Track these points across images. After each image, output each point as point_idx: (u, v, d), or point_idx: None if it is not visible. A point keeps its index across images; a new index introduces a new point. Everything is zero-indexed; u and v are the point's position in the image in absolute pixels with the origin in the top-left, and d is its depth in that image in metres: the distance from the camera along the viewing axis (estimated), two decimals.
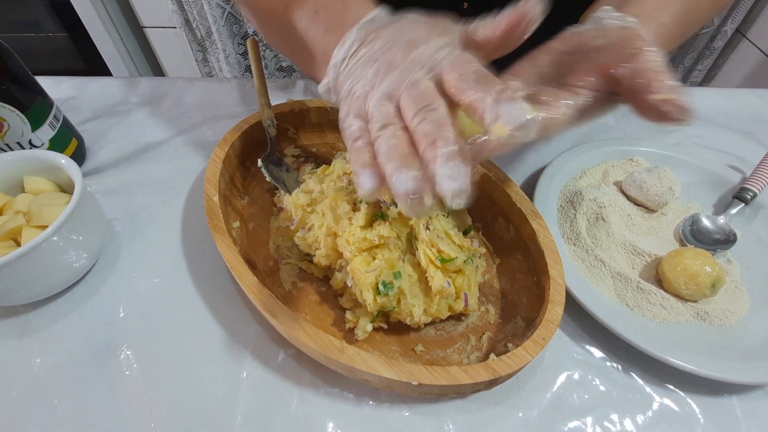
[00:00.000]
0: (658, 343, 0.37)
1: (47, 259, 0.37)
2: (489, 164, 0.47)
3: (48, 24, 1.45)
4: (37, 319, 0.40)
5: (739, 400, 0.37)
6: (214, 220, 0.40)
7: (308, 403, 0.36)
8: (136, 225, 0.48)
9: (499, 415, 0.35)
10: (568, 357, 0.39)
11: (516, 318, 0.40)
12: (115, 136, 0.58)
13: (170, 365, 0.38)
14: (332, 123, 0.55)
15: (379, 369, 0.31)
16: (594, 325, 0.39)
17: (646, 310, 0.40)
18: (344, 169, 0.43)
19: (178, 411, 0.35)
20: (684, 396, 0.37)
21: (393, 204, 0.40)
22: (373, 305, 0.35)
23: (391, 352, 0.38)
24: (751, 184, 0.49)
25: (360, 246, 0.37)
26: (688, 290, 0.40)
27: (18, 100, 0.44)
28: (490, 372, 0.32)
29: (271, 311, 0.34)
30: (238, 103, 0.63)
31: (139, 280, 0.43)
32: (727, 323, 0.40)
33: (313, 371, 0.37)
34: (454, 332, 0.39)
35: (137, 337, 0.39)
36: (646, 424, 0.35)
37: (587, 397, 0.37)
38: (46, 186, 0.43)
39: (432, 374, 0.31)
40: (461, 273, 0.38)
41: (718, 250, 0.45)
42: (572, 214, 0.47)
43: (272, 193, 0.49)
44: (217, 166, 0.44)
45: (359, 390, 0.36)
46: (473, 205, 0.48)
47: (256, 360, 0.38)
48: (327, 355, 0.32)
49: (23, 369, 0.37)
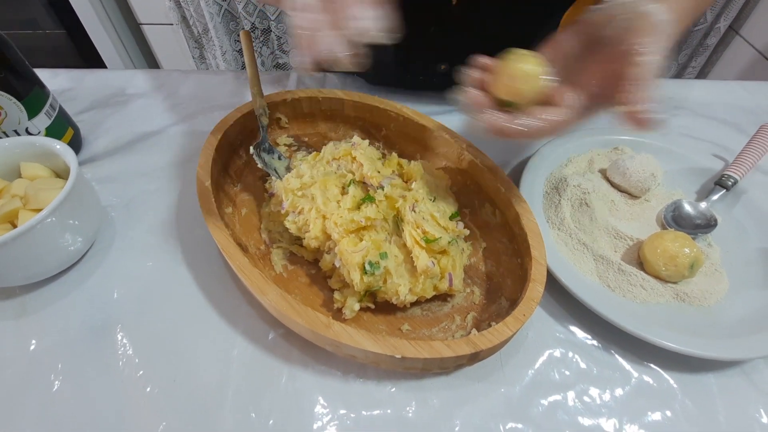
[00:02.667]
0: (637, 322, 0.38)
1: (43, 241, 0.38)
2: (477, 152, 0.48)
3: (45, 21, 1.46)
4: (33, 300, 0.41)
5: (716, 376, 0.38)
6: (206, 204, 0.41)
7: (297, 380, 0.37)
8: (131, 211, 0.49)
9: (482, 390, 0.37)
10: (550, 336, 0.40)
11: (500, 299, 0.41)
12: (110, 126, 0.59)
13: (163, 344, 0.39)
14: (324, 113, 0.56)
15: (364, 343, 0.32)
16: (576, 306, 0.41)
17: (627, 291, 0.42)
18: (334, 155, 0.44)
19: (171, 387, 0.36)
20: (662, 372, 0.38)
21: (380, 187, 0.41)
22: (360, 284, 0.37)
23: (378, 331, 0.39)
24: (733, 171, 0.50)
25: (348, 227, 0.38)
26: (667, 271, 0.41)
27: (15, 88, 0.46)
28: (471, 346, 0.33)
29: (260, 289, 0.35)
30: (232, 95, 0.65)
31: (133, 263, 0.44)
32: (706, 304, 0.42)
33: (302, 349, 0.38)
34: (439, 312, 0.40)
35: (131, 318, 0.40)
36: (624, 399, 0.36)
37: (568, 373, 0.38)
38: (43, 172, 0.44)
39: (415, 348, 0.32)
40: (446, 254, 0.39)
41: (699, 235, 0.46)
42: (557, 200, 0.48)
43: (264, 181, 0.50)
44: (210, 153, 0.45)
45: (346, 367, 0.37)
46: (461, 191, 0.49)
47: (246, 339, 0.39)
48: (314, 331, 0.33)
49: (20, 349, 0.38)
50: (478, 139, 0.50)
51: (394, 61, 0.62)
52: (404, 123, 0.53)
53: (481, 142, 0.51)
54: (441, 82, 0.64)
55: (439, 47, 0.59)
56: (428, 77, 0.63)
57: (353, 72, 0.69)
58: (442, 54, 0.60)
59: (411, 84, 0.66)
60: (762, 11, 1.33)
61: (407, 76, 0.64)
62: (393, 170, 0.44)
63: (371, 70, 0.65)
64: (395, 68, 0.63)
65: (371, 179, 0.41)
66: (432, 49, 0.59)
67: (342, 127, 0.56)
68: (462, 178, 0.50)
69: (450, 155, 0.51)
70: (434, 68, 0.61)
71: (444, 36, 0.57)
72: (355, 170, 0.43)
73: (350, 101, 0.54)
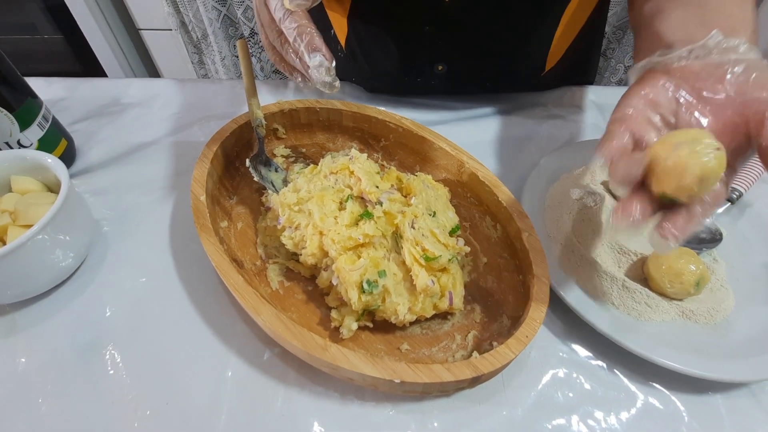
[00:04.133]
0: (643, 341, 0.37)
1: (33, 258, 0.37)
2: (477, 164, 0.47)
3: (44, 26, 1.45)
4: (23, 318, 0.40)
5: (724, 398, 0.37)
6: (200, 219, 0.40)
7: (293, 402, 0.36)
8: (125, 225, 0.48)
9: (484, 413, 0.35)
10: (554, 355, 0.39)
11: (502, 317, 0.40)
12: (105, 136, 0.58)
13: (155, 364, 0.38)
14: (322, 123, 0.55)
15: (362, 367, 0.31)
16: (579, 324, 0.40)
17: (632, 309, 0.41)
18: (331, 169, 0.43)
19: (163, 410, 0.35)
20: (668, 394, 0.37)
21: (379, 203, 0.40)
22: (358, 303, 0.36)
23: (376, 351, 0.38)
24: (738, 184, 0.49)
25: (345, 245, 0.37)
26: (673, 288, 0.40)
27: (6, 100, 0.45)
28: (472, 369, 0.32)
29: (255, 309, 0.34)
30: (229, 104, 0.64)
31: (126, 279, 0.43)
32: (712, 321, 0.41)
33: (298, 370, 0.37)
34: (439, 331, 0.39)
35: (123, 336, 0.39)
36: (630, 422, 0.35)
37: (572, 395, 0.37)
38: (33, 186, 0.43)
39: (415, 372, 0.31)
40: (446, 272, 0.38)
41: (704, 249, 0.45)
42: (559, 214, 0.47)
43: (261, 193, 0.49)
44: (206, 166, 0.44)
45: (344, 388, 0.36)
46: (461, 204, 0.48)
47: (241, 359, 0.38)
48: (310, 353, 0.32)
49: (8, 368, 0.37)
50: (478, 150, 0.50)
51: (391, 65, 0.62)
52: (403, 134, 0.52)
53: (482, 154, 0.50)
54: (439, 85, 0.63)
55: (435, 47, 0.59)
56: (426, 80, 0.62)
57: (352, 79, 0.68)
58: (439, 54, 0.59)
59: (410, 88, 0.65)
60: (762, 14, 1.32)
61: (405, 79, 0.63)
62: (392, 184, 0.43)
63: (370, 76, 0.65)
64: (394, 72, 0.63)
65: (370, 195, 0.40)
66: (427, 49, 0.59)
67: (340, 137, 0.56)
68: (462, 190, 0.49)
69: (450, 167, 0.50)
70: (432, 69, 0.61)
71: (439, 35, 0.57)
72: (353, 185, 0.42)
73: (349, 112, 0.53)
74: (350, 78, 0.68)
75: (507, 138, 0.60)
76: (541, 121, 0.63)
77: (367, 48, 0.62)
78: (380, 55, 0.62)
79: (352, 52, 0.63)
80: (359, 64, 0.64)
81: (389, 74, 0.64)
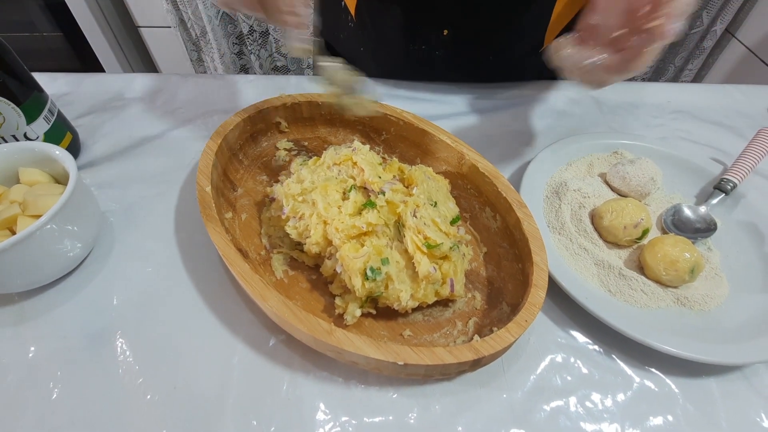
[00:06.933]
0: (639, 327, 0.38)
1: (42, 248, 0.38)
2: (477, 156, 0.48)
3: (43, 24, 1.45)
4: (32, 307, 0.41)
5: (717, 381, 0.38)
6: (206, 209, 0.41)
7: (298, 387, 0.37)
8: (131, 217, 0.49)
9: (485, 396, 0.36)
10: (552, 341, 0.40)
11: (502, 304, 0.41)
12: (109, 130, 0.59)
13: (163, 351, 0.38)
14: (323, 117, 0.56)
15: (366, 350, 0.32)
16: (577, 311, 0.41)
17: (628, 296, 0.42)
18: (334, 160, 0.44)
19: (171, 395, 0.36)
20: (663, 377, 0.38)
21: (381, 193, 0.41)
22: (362, 290, 0.36)
23: (379, 337, 0.39)
24: (732, 175, 0.50)
25: (349, 233, 0.38)
26: (668, 276, 0.41)
27: (13, 93, 0.45)
28: (473, 352, 0.33)
29: (261, 295, 0.35)
30: (231, 99, 0.64)
31: (132, 269, 0.44)
32: (707, 308, 0.42)
33: (303, 356, 0.38)
34: (441, 318, 0.40)
35: (131, 324, 0.40)
36: (626, 404, 0.36)
37: (570, 378, 0.38)
38: (41, 177, 0.43)
39: (417, 354, 0.32)
40: (447, 259, 0.39)
41: (698, 239, 0.46)
42: (557, 205, 0.48)
43: (264, 186, 0.50)
44: (210, 158, 0.45)
45: (348, 373, 0.37)
46: (461, 195, 0.49)
47: (247, 345, 0.39)
48: (316, 338, 0.33)
49: (19, 356, 0.38)
50: (478, 143, 0.50)
51: (399, 32, 0.63)
52: (404, 127, 0.53)
53: (482, 147, 0.51)
54: (443, 55, 0.64)
55: (440, 11, 0.60)
56: (432, 49, 0.64)
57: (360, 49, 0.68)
58: (444, 18, 0.61)
59: (415, 58, 0.66)
60: (758, 14, 1.34)
61: (411, 47, 0.65)
62: (394, 175, 0.44)
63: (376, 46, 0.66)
64: (401, 40, 0.64)
65: (372, 184, 0.41)
66: (432, 13, 0.60)
67: (342, 131, 0.56)
68: (462, 182, 0.50)
69: (450, 159, 0.51)
70: (437, 35, 0.62)
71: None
72: (356, 175, 0.43)
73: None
74: (358, 48, 0.69)
75: (506, 131, 0.61)
76: (540, 114, 0.64)
77: (375, 15, 0.63)
78: (388, 21, 0.63)
79: (362, 22, 0.65)
80: (367, 33, 0.66)
81: (396, 42, 0.65)
